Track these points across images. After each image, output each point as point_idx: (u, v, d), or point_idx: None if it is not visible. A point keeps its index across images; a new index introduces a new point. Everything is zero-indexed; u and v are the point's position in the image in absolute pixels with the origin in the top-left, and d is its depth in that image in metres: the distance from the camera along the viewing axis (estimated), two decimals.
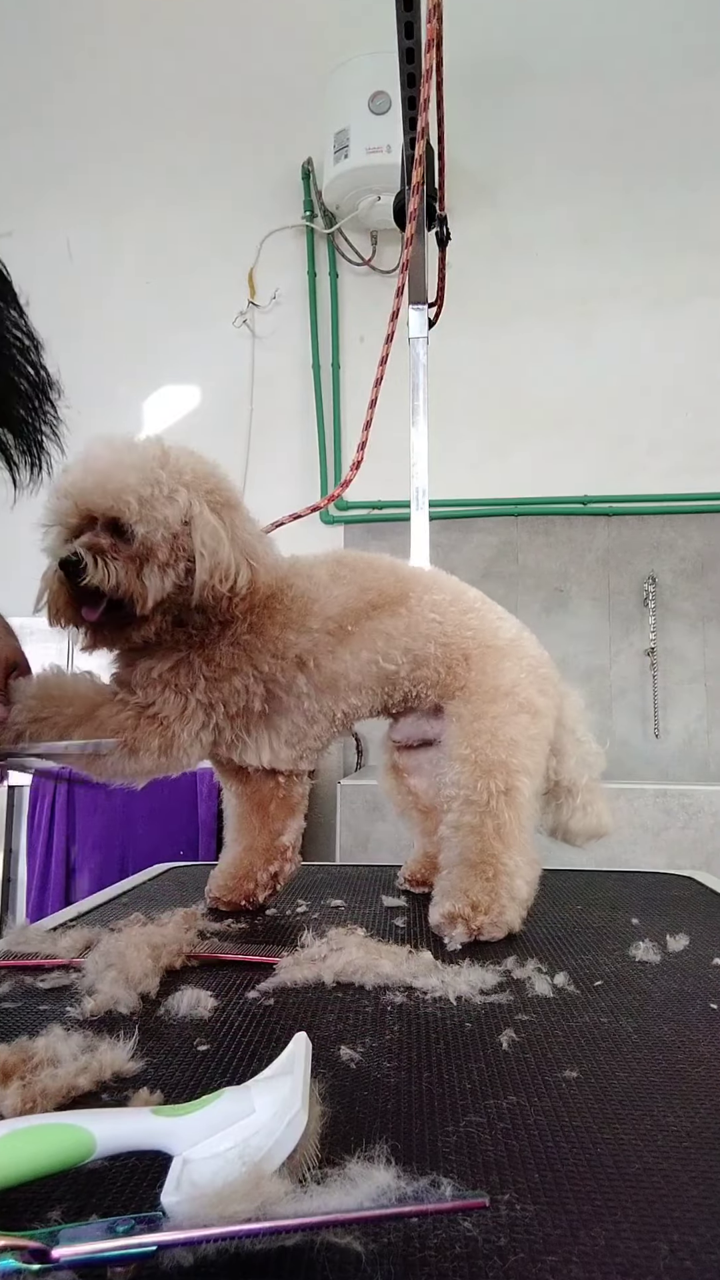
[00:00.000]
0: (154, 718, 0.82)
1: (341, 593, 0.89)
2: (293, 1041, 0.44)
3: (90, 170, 2.97)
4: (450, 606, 0.92)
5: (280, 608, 0.87)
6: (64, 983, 0.71)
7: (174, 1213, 0.34)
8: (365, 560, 0.94)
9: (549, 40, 2.81)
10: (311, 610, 0.87)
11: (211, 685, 0.84)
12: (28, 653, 0.84)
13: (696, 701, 2.60)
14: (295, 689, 0.87)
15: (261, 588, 0.85)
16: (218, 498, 0.84)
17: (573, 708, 0.97)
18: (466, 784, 0.86)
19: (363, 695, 0.90)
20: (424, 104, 0.98)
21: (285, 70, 2.89)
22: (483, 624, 0.93)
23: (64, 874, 2.25)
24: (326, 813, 2.57)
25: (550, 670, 0.95)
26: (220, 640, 0.85)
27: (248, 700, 0.86)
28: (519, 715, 0.89)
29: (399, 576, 0.92)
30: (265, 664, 0.85)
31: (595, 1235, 0.37)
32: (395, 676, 0.90)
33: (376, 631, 0.89)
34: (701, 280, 2.71)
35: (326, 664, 0.87)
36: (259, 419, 2.84)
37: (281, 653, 0.86)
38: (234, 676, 0.84)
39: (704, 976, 0.72)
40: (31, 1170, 0.37)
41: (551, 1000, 0.66)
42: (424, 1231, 0.37)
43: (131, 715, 0.82)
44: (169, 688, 0.83)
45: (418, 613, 0.90)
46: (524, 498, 2.72)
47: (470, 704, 0.90)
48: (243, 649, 0.85)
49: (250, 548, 0.84)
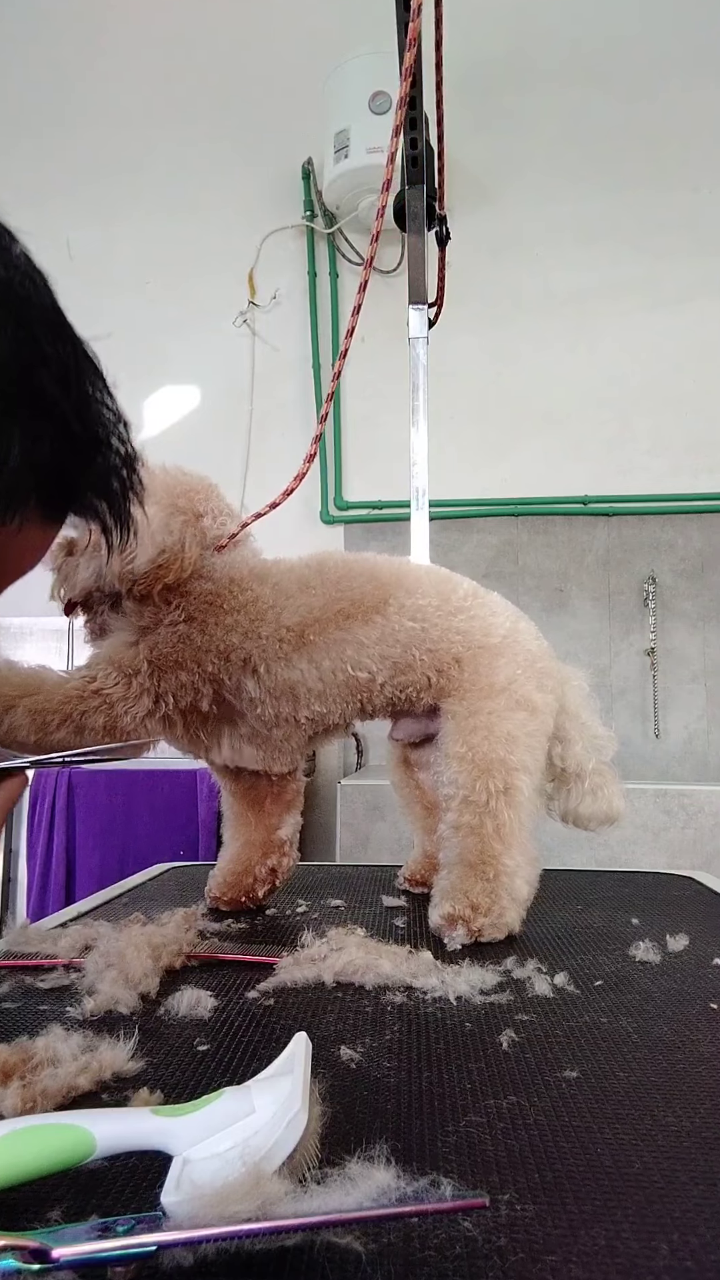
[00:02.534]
0: (98, 693, 0.84)
1: (306, 601, 0.89)
2: (293, 1041, 0.44)
3: (90, 171, 2.97)
4: (435, 610, 0.91)
5: (228, 609, 0.88)
6: (64, 983, 0.71)
7: (174, 1213, 0.34)
8: (345, 567, 0.93)
9: (549, 40, 2.81)
10: (265, 617, 0.88)
11: (157, 672, 0.85)
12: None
13: (696, 701, 2.60)
14: (245, 692, 0.88)
15: (190, 580, 0.87)
16: (181, 504, 0.88)
17: (576, 693, 0.96)
18: (465, 783, 0.86)
19: (328, 703, 0.90)
20: (402, 101, 0.98)
21: (285, 70, 2.89)
22: (472, 624, 0.91)
23: (64, 874, 2.25)
24: (326, 813, 2.57)
25: (549, 663, 0.94)
26: (159, 625, 0.87)
27: (195, 698, 0.87)
28: (516, 712, 0.88)
29: (379, 583, 0.91)
30: (210, 664, 0.86)
31: (595, 1235, 0.37)
32: (370, 684, 0.89)
33: (345, 640, 0.88)
34: (701, 280, 2.71)
35: (280, 671, 0.87)
36: (259, 419, 2.84)
37: (226, 654, 0.87)
38: (179, 670, 0.86)
39: (704, 976, 0.72)
40: (31, 1170, 0.37)
41: (551, 1000, 0.66)
42: (424, 1231, 0.37)
43: (76, 688, 0.84)
44: (113, 665, 0.86)
45: (395, 620, 0.89)
46: (524, 498, 2.72)
47: (465, 701, 0.89)
48: (185, 643, 0.86)
49: (161, 540, 0.85)
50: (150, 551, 0.83)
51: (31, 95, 3.01)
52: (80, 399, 0.43)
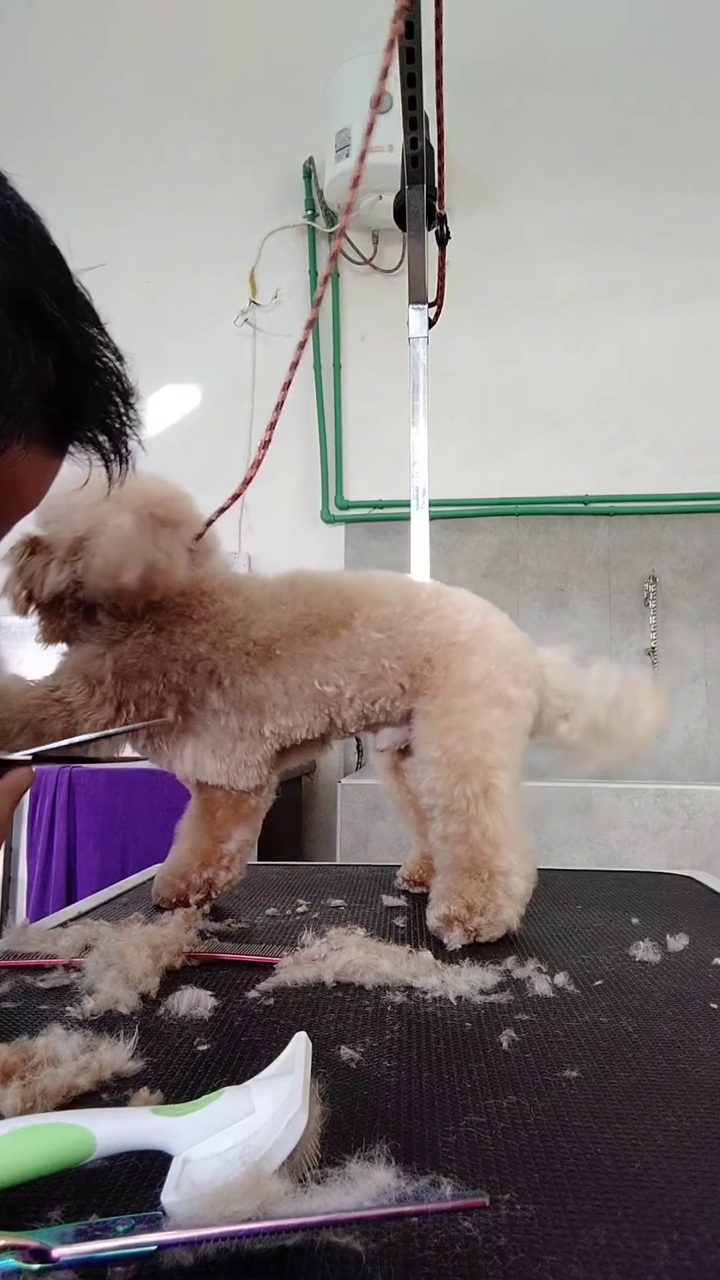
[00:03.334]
0: (59, 701, 0.84)
1: (275, 617, 0.89)
2: (293, 1041, 0.44)
3: (91, 170, 2.97)
4: (401, 617, 0.90)
5: (197, 618, 0.88)
6: (64, 983, 0.71)
7: (174, 1212, 0.34)
8: (315, 584, 0.92)
9: (549, 40, 2.81)
10: (235, 629, 0.88)
11: (121, 681, 0.85)
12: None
13: (696, 701, 2.60)
14: (209, 704, 0.88)
15: (167, 593, 0.86)
16: (160, 512, 0.86)
17: (558, 673, 0.95)
18: (443, 791, 0.85)
19: (295, 716, 0.89)
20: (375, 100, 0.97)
21: (287, 69, 2.89)
22: (440, 624, 0.90)
23: (64, 874, 2.25)
24: (326, 813, 2.57)
25: (526, 655, 0.93)
26: (128, 638, 0.87)
27: (159, 708, 0.87)
28: (491, 708, 0.87)
29: (344, 598, 0.90)
30: (175, 673, 0.86)
31: (595, 1235, 0.37)
32: (337, 698, 0.89)
33: (312, 655, 0.88)
34: (701, 280, 2.71)
35: (245, 684, 0.87)
36: (259, 419, 2.84)
37: (192, 664, 0.86)
38: (144, 679, 0.85)
39: (704, 976, 0.72)
40: (31, 1170, 0.37)
41: (551, 1000, 0.66)
42: (424, 1231, 0.37)
43: (38, 696, 0.84)
44: (78, 674, 0.85)
45: (361, 633, 0.89)
46: (524, 498, 2.72)
47: (438, 699, 0.88)
48: (151, 653, 0.86)
49: (151, 554, 0.83)
50: (140, 567, 0.82)
51: (31, 95, 3.01)
52: (77, 324, 0.44)
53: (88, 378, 0.46)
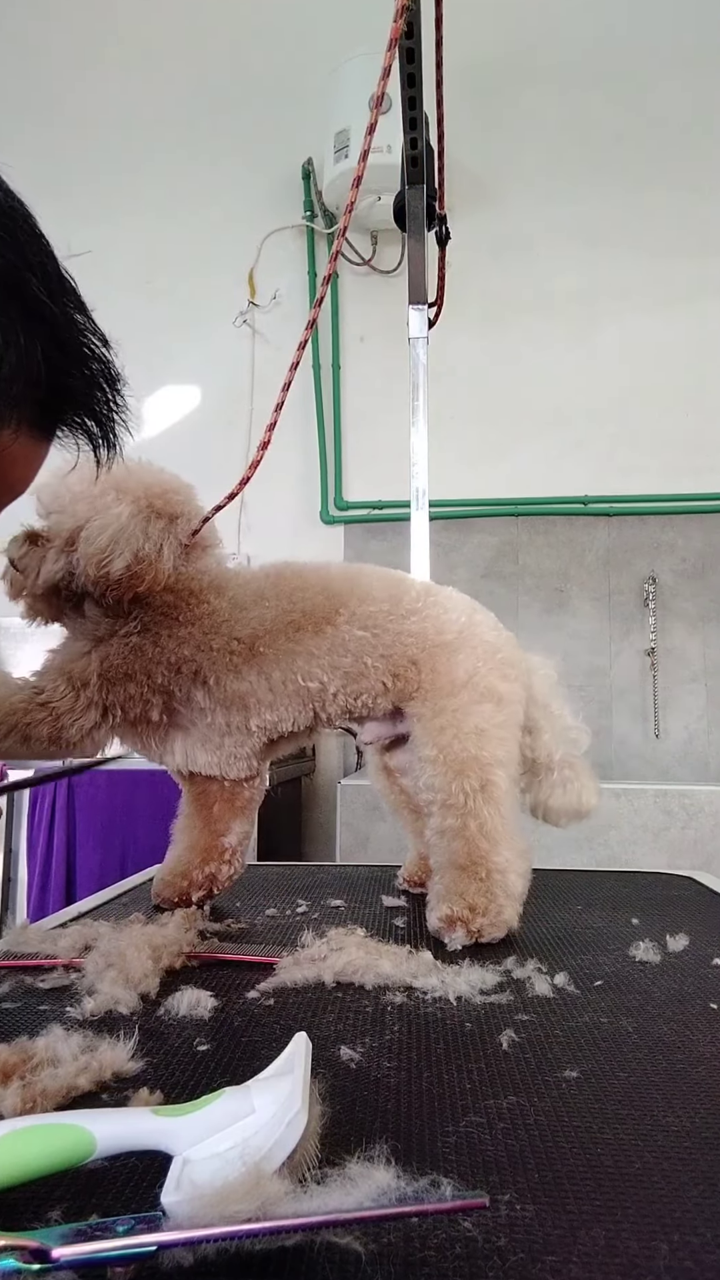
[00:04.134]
0: (44, 705, 0.84)
1: (259, 614, 0.89)
2: (292, 1041, 0.44)
3: (90, 170, 2.97)
4: (386, 616, 0.90)
5: (182, 621, 0.88)
6: (64, 983, 0.70)
7: (174, 1213, 0.34)
8: (300, 579, 0.92)
9: (549, 40, 2.81)
10: (219, 630, 0.88)
11: (106, 685, 0.85)
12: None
13: (696, 701, 2.60)
14: (194, 703, 0.88)
15: (152, 588, 0.86)
16: (158, 504, 0.87)
17: (544, 682, 0.95)
18: (441, 786, 0.85)
19: (280, 711, 0.89)
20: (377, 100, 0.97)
21: (285, 70, 2.89)
22: (425, 625, 0.90)
23: (64, 874, 2.25)
24: (326, 813, 2.57)
25: (512, 652, 0.93)
26: (113, 637, 0.86)
27: (144, 709, 0.87)
28: (481, 704, 0.87)
29: (330, 593, 0.90)
30: (160, 675, 0.86)
31: (595, 1235, 0.37)
32: (321, 694, 0.89)
33: (296, 652, 0.88)
34: (701, 280, 2.71)
35: (229, 682, 0.87)
36: (259, 419, 2.84)
37: (177, 666, 0.86)
38: (129, 682, 0.85)
39: (704, 976, 0.72)
40: (31, 1170, 0.37)
41: (551, 1000, 0.66)
42: (424, 1231, 0.37)
43: (24, 700, 0.84)
44: (63, 677, 0.85)
45: (345, 630, 0.89)
46: (524, 498, 2.72)
47: (429, 702, 0.88)
48: (137, 655, 0.86)
49: (138, 544, 0.83)
50: (128, 558, 0.82)
51: (32, 95, 3.01)
52: (65, 310, 0.45)
53: (76, 363, 0.46)
